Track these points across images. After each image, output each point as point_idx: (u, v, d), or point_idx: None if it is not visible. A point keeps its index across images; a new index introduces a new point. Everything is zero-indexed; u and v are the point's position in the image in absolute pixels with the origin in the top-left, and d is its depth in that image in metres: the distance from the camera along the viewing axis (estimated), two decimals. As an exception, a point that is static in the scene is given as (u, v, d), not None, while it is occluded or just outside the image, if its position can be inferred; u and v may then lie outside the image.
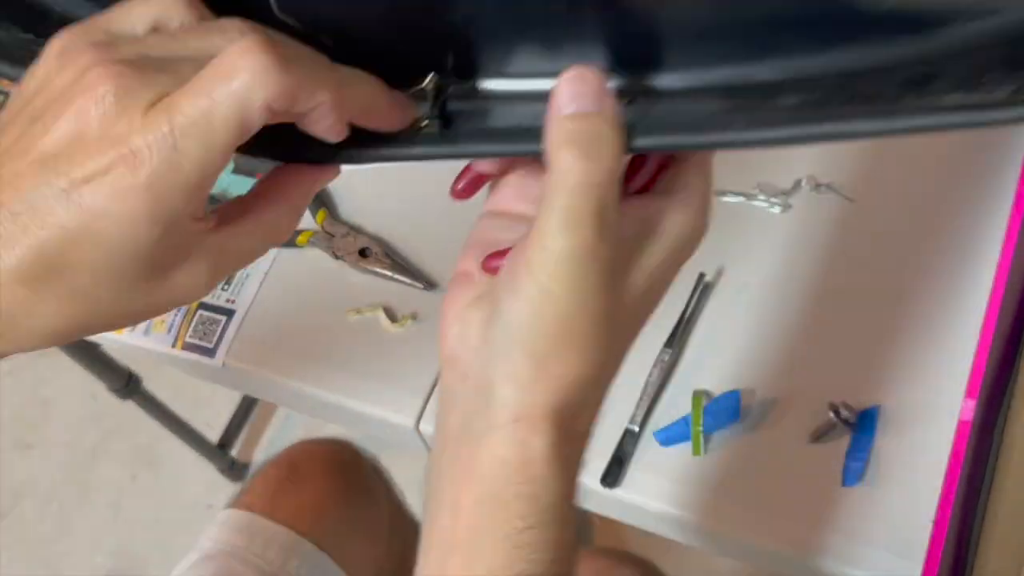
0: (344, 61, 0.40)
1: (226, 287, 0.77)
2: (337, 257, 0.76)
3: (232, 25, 0.40)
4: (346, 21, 0.41)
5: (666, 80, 0.41)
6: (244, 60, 0.37)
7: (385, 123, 0.42)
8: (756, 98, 0.40)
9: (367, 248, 0.76)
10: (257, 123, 0.38)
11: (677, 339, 0.68)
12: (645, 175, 0.43)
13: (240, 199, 0.43)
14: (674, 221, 0.43)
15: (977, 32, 0.36)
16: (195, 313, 0.76)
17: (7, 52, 0.44)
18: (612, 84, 0.40)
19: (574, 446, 0.43)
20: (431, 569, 0.44)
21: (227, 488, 1.59)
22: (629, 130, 0.38)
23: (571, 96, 0.39)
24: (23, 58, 0.42)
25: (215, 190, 0.81)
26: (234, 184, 0.82)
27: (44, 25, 0.44)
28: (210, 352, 0.75)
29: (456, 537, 0.43)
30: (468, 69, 0.42)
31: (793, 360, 0.67)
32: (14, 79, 0.43)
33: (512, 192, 0.45)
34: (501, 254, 0.43)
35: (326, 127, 0.40)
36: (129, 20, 0.41)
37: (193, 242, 0.41)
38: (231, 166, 0.82)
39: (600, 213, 0.39)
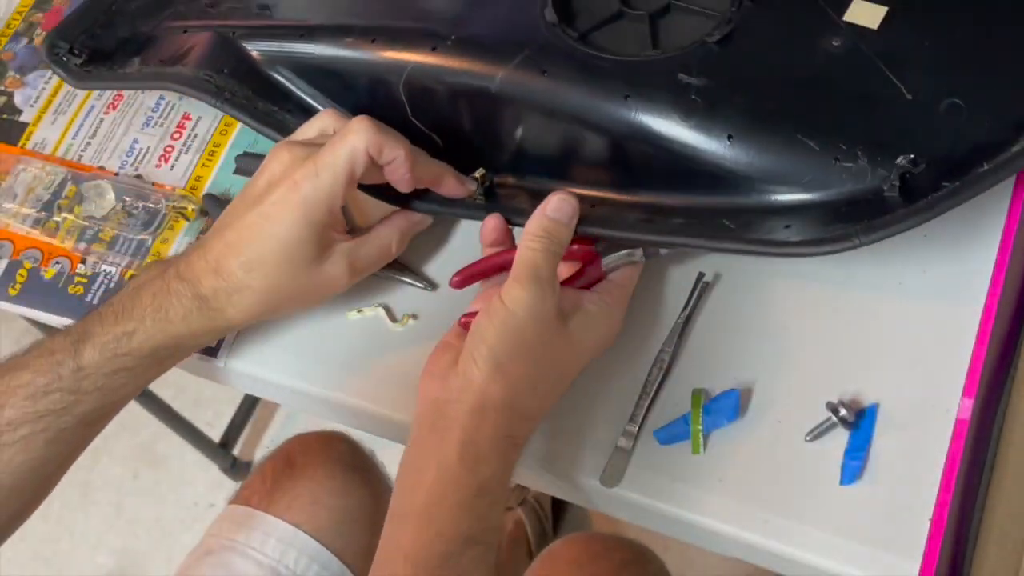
0: (446, 153, 0.71)
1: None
2: None
3: (352, 120, 0.65)
4: (445, 132, 0.73)
5: (612, 194, 0.69)
6: (354, 125, 0.64)
7: (451, 191, 0.69)
8: (660, 214, 0.67)
9: None
10: (361, 162, 0.64)
11: (676, 338, 0.68)
12: (586, 279, 0.67)
13: (370, 227, 0.70)
14: (594, 305, 0.65)
15: (780, 199, 0.64)
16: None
17: (263, 119, 0.76)
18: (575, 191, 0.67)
19: (510, 444, 0.60)
20: (387, 535, 0.59)
21: (229, 487, 1.60)
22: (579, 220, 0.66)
23: (556, 206, 0.64)
24: (273, 123, 0.75)
25: (218, 189, 0.82)
26: (236, 184, 0.82)
27: (285, 103, 0.77)
28: (212, 351, 0.75)
29: (412, 506, 0.59)
30: (507, 168, 0.72)
31: (792, 359, 0.67)
32: (267, 135, 0.75)
33: (493, 291, 0.63)
34: (472, 315, 0.64)
35: (399, 177, 0.67)
36: (306, 133, 0.69)
37: (334, 244, 0.66)
38: (233, 167, 0.83)
39: (553, 268, 0.63)
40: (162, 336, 0.64)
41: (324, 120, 0.69)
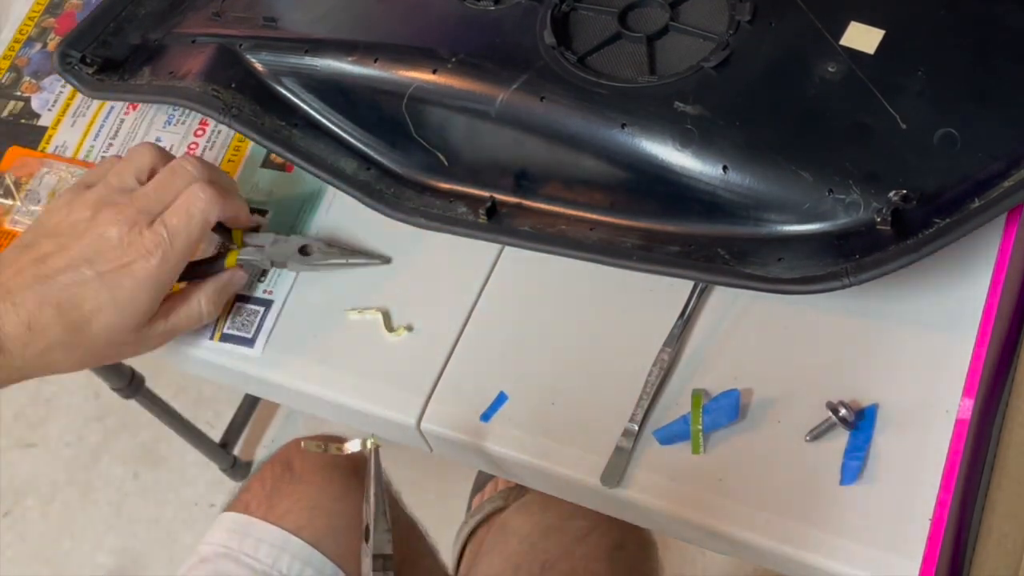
0: (450, 170, 0.74)
1: (262, 279, 0.77)
2: (275, 265, 0.75)
3: (183, 167, 0.68)
4: (448, 150, 0.74)
5: (610, 218, 0.70)
6: (201, 193, 0.66)
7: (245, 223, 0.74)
8: (656, 241, 0.68)
9: (307, 246, 0.75)
10: (209, 225, 0.67)
11: (676, 338, 0.68)
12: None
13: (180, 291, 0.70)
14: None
15: (778, 231, 0.65)
16: (232, 305, 0.76)
17: (269, 135, 0.76)
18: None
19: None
20: None
21: (229, 487, 1.60)
22: (575, 243, 0.68)
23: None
24: (279, 140, 0.76)
25: (245, 186, 0.81)
26: (264, 180, 0.82)
27: (291, 117, 0.78)
28: (249, 342, 0.75)
29: None
30: (509, 188, 0.73)
31: (792, 359, 0.67)
32: (274, 152, 0.77)
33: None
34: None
35: (238, 223, 0.72)
36: (123, 175, 0.68)
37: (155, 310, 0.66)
38: (261, 161, 0.82)
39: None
40: None
41: (142, 159, 0.69)
